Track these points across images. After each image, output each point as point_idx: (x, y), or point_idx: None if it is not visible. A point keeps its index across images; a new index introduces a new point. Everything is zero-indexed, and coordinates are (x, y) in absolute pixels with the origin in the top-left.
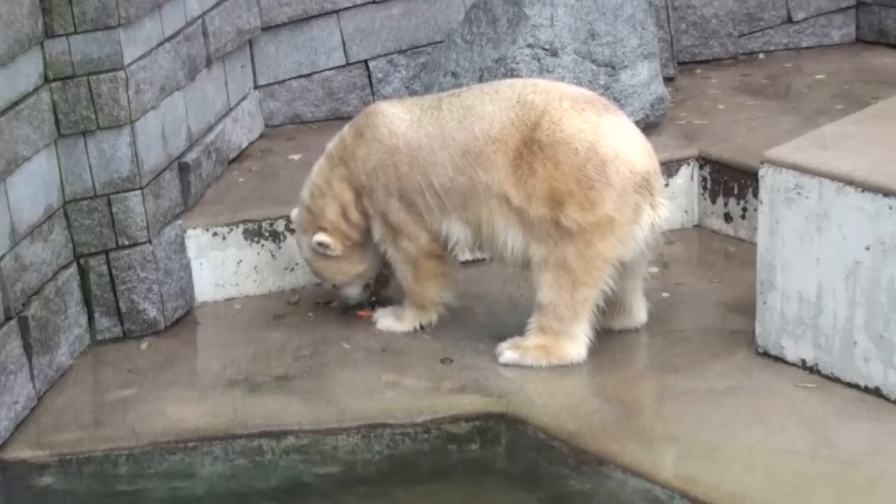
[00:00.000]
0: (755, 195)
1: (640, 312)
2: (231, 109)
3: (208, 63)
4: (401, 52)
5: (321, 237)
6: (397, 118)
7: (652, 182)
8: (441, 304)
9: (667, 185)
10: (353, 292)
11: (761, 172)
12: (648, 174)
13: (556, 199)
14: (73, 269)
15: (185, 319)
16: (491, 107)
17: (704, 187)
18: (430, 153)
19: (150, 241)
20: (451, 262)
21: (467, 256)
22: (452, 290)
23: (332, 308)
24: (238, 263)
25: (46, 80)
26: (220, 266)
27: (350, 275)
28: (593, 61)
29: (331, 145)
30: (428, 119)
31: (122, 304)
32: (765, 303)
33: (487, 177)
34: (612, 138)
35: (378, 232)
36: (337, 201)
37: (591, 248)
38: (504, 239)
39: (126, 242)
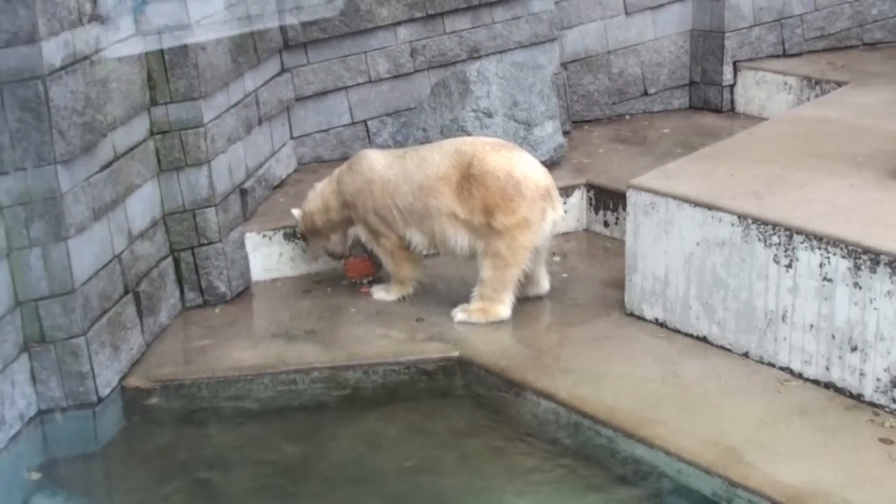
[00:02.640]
0: (624, 209)
1: (545, 283)
2: (275, 153)
3: (259, 122)
4: (388, 114)
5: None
6: (375, 160)
7: (551, 192)
8: (415, 280)
9: (565, 202)
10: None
11: (628, 194)
12: (548, 187)
13: (488, 211)
14: (169, 260)
15: (244, 293)
16: (438, 156)
17: (590, 204)
18: (395, 186)
19: (221, 241)
20: (418, 252)
21: (427, 253)
22: (421, 270)
23: (343, 286)
24: (280, 255)
25: (151, 133)
26: (267, 257)
27: (309, 242)
28: (515, 121)
29: (335, 171)
30: (396, 164)
31: (202, 283)
32: (631, 280)
33: (437, 203)
34: (521, 166)
35: (363, 235)
36: (322, 202)
37: (515, 240)
38: (455, 241)
39: (205, 241)
